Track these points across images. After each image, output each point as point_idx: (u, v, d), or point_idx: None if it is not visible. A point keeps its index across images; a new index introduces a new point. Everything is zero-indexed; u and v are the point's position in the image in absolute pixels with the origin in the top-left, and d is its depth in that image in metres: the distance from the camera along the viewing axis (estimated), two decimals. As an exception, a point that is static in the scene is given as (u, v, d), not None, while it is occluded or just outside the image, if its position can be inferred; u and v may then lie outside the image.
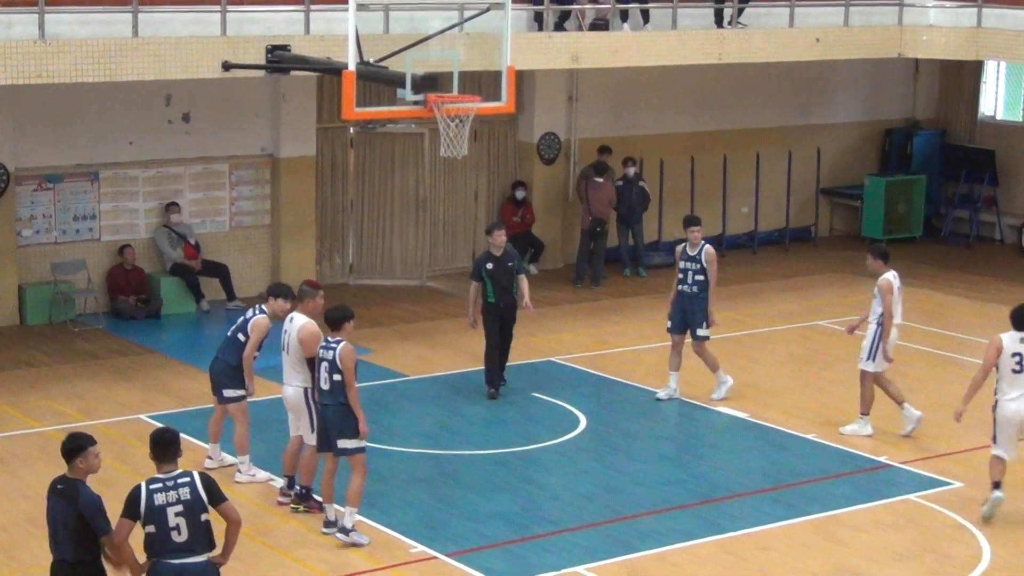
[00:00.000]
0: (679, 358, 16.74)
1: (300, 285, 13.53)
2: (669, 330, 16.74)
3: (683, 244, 16.67)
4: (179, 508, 9.27)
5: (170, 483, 9.34)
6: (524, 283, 16.59)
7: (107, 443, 14.96)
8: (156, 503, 9.27)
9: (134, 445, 14.94)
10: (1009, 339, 13.10)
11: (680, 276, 16.59)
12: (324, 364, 12.49)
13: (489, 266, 16.37)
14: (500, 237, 16.44)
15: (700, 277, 16.41)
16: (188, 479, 9.37)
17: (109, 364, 17.89)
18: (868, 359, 15.36)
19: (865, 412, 15.63)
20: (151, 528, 9.30)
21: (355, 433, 12.45)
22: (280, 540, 12.71)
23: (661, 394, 16.83)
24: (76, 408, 16.12)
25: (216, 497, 9.43)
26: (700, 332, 16.53)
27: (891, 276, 15.24)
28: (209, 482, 9.44)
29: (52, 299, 19.53)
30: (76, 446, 9.40)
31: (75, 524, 9.27)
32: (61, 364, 17.87)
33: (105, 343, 18.83)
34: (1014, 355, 13.05)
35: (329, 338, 12.58)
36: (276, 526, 13.00)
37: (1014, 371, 13.06)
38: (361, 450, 12.54)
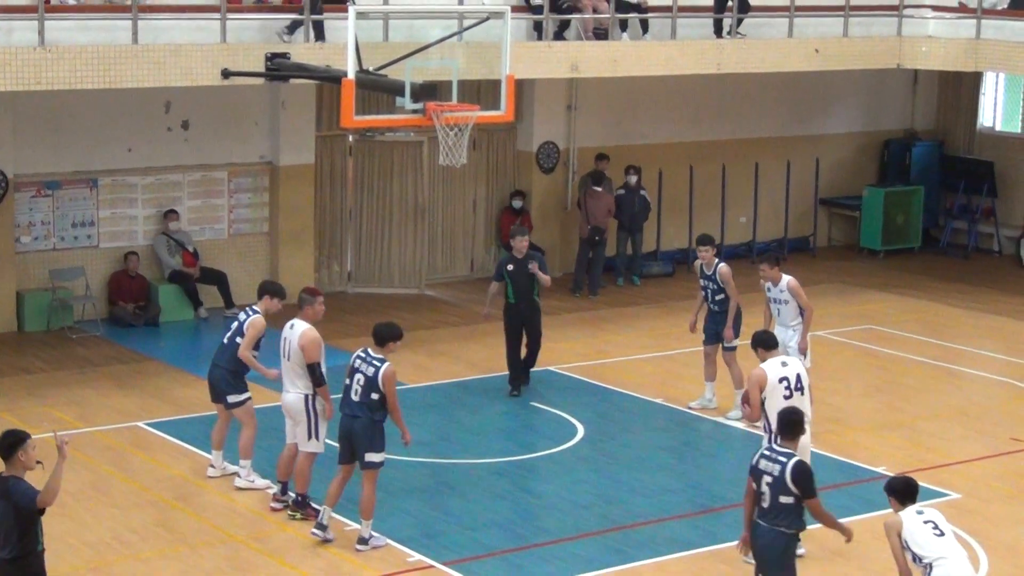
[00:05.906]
0: (713, 368, 16.74)
1: (300, 292, 13.50)
2: (703, 342, 16.74)
3: (699, 262, 16.63)
4: (769, 479, 10.36)
5: (780, 457, 10.38)
6: (543, 276, 17.04)
7: (105, 450, 15.06)
8: (759, 466, 10.45)
9: (132, 452, 14.94)
10: None
11: (702, 293, 16.59)
12: (359, 377, 12.39)
13: (510, 267, 17.01)
14: (522, 243, 17.00)
15: (720, 296, 16.38)
16: (784, 459, 10.31)
17: (107, 371, 17.89)
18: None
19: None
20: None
21: (382, 447, 12.46)
22: (276, 547, 12.69)
23: (694, 404, 16.84)
24: (74, 415, 16.10)
25: (806, 492, 10.28)
26: (727, 344, 16.50)
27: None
28: (798, 475, 10.26)
29: (50, 306, 19.52)
30: (15, 440, 9.36)
31: (12, 520, 9.21)
32: (59, 371, 17.85)
33: (103, 350, 18.82)
34: None
35: (371, 352, 12.49)
36: (273, 533, 12.99)
37: None
38: (382, 464, 12.56)
